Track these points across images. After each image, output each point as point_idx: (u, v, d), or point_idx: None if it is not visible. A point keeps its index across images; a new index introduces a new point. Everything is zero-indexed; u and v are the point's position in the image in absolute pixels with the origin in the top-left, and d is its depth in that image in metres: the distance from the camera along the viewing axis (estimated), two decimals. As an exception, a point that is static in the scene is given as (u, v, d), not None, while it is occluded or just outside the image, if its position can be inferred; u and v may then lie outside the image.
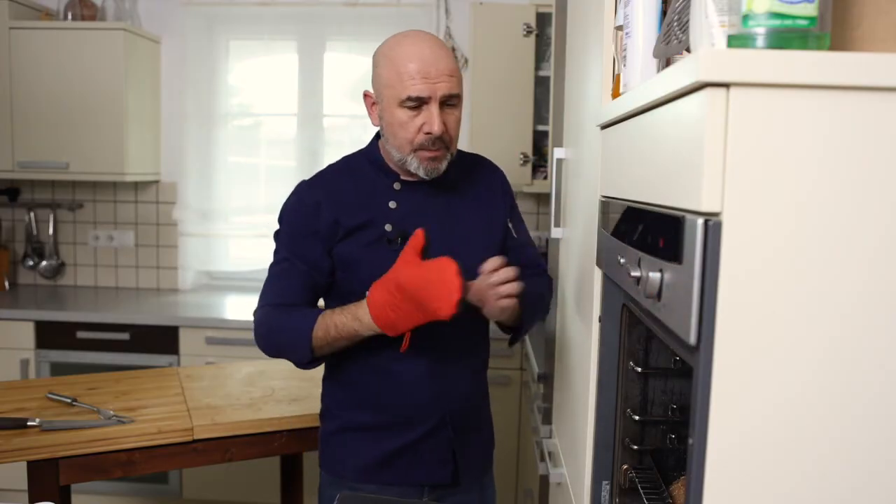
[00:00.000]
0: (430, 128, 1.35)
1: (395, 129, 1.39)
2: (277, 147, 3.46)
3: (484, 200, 1.55)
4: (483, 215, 1.53)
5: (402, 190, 1.46)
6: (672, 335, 0.72)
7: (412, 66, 1.34)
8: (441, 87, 1.35)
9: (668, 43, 0.90)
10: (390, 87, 1.37)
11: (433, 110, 1.35)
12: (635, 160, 0.91)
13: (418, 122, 1.36)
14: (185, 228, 3.42)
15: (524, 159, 2.94)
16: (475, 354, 1.57)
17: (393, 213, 1.44)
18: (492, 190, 1.58)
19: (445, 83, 1.36)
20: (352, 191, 1.46)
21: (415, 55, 1.35)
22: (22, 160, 3.11)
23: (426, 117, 1.36)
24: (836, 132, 0.61)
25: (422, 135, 1.37)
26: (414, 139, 1.37)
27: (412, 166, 1.40)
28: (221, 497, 2.95)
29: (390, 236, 1.43)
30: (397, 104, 1.36)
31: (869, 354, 0.63)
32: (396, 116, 1.37)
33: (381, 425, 1.48)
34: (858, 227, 0.62)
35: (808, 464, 0.64)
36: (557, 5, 1.92)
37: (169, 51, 3.38)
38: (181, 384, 2.08)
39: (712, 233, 0.63)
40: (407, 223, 1.43)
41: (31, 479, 1.69)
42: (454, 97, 1.38)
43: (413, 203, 1.46)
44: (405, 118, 1.37)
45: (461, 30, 3.21)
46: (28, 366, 2.94)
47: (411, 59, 1.35)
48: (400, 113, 1.37)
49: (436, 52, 1.36)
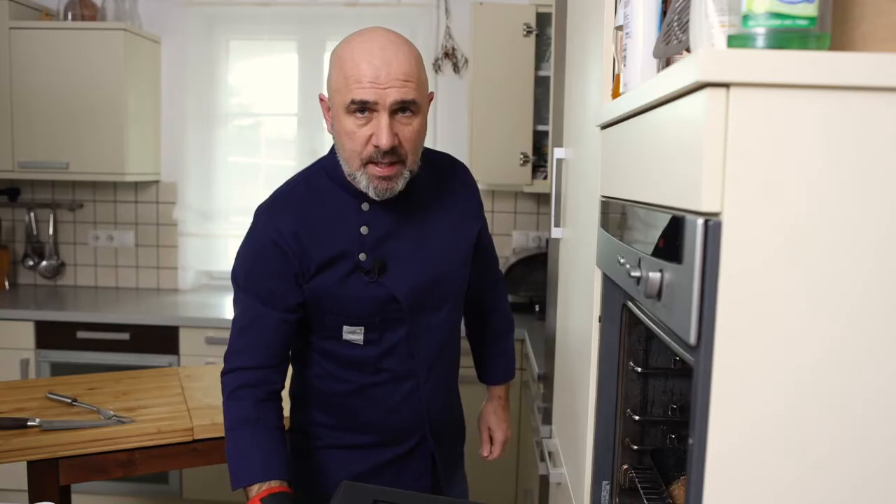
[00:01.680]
0: (377, 140, 1.21)
1: (343, 139, 1.25)
2: (277, 147, 3.46)
3: (456, 208, 1.45)
4: (456, 223, 1.44)
5: (372, 210, 1.33)
6: (672, 335, 0.72)
7: (360, 67, 1.20)
8: (391, 94, 1.20)
9: (668, 43, 0.90)
10: (338, 91, 1.23)
11: (382, 120, 1.20)
12: (635, 160, 0.91)
13: (366, 132, 1.22)
14: (185, 228, 3.42)
15: (524, 159, 2.94)
16: (452, 368, 1.52)
17: (365, 238, 1.32)
18: (462, 193, 1.47)
19: (397, 89, 1.20)
20: (318, 217, 1.32)
21: (364, 55, 1.20)
22: (22, 160, 3.11)
23: (374, 127, 1.21)
24: (836, 132, 0.61)
25: (370, 147, 1.23)
26: (362, 151, 1.23)
27: (361, 184, 1.27)
28: (221, 497, 2.95)
29: (366, 267, 1.31)
30: (344, 110, 1.22)
31: (869, 354, 0.63)
32: (344, 124, 1.23)
33: (365, 444, 1.42)
34: (858, 227, 0.62)
35: (808, 464, 0.64)
36: (557, 5, 1.92)
37: (169, 51, 3.38)
38: (181, 384, 2.08)
39: (712, 233, 0.63)
40: (381, 248, 1.33)
41: (31, 479, 1.69)
42: (410, 104, 1.22)
43: (385, 224, 1.33)
44: (353, 127, 1.22)
45: (461, 30, 3.21)
46: (28, 366, 2.94)
47: (360, 61, 1.20)
48: (347, 121, 1.23)
49: (388, 53, 1.20)
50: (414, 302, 1.35)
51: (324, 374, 1.41)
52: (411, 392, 1.41)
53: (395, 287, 1.33)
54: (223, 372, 1.34)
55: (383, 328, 1.35)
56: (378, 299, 1.33)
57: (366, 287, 1.32)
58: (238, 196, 3.44)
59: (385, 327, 1.35)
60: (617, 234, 1.00)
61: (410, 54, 1.24)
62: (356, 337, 1.35)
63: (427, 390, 1.42)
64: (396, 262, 1.34)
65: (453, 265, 1.41)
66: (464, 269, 1.46)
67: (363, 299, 1.32)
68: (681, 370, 1.12)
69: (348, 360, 1.38)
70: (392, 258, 1.34)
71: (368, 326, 1.35)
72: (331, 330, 1.36)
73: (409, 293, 1.34)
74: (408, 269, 1.35)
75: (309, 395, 1.45)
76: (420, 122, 1.27)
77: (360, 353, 1.36)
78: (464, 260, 1.45)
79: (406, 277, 1.34)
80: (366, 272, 1.32)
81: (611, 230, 1.05)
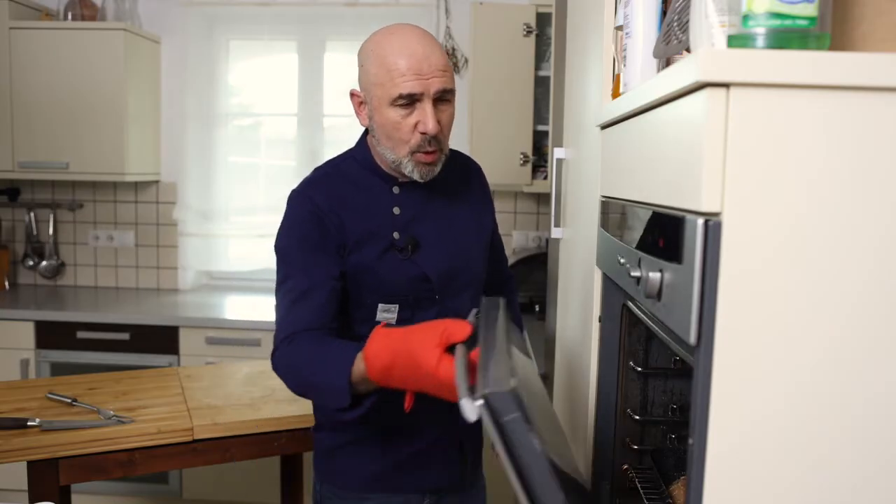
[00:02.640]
0: (424, 127, 1.28)
1: (389, 130, 1.31)
2: (277, 147, 3.46)
3: (474, 198, 1.52)
4: (475, 214, 1.51)
5: (402, 193, 1.40)
6: (672, 335, 0.72)
7: (403, 62, 1.26)
8: (434, 84, 1.28)
9: (668, 43, 0.90)
10: (380, 86, 1.29)
11: (427, 108, 1.28)
12: (635, 160, 0.91)
13: (412, 121, 1.29)
14: (185, 228, 3.42)
15: (524, 159, 2.94)
16: None
17: (397, 219, 1.38)
18: (479, 187, 1.56)
19: (439, 79, 1.28)
20: (352, 196, 1.38)
21: (405, 50, 1.27)
22: (22, 160, 3.11)
23: (420, 115, 1.29)
24: (836, 132, 0.61)
25: (417, 135, 1.30)
26: (410, 140, 1.30)
27: (407, 169, 1.33)
28: (221, 497, 2.95)
29: (399, 245, 1.37)
30: (388, 103, 1.29)
31: (869, 354, 0.63)
32: (388, 116, 1.30)
33: (390, 434, 1.42)
34: (858, 227, 0.62)
35: (808, 464, 0.64)
36: (557, 5, 1.92)
37: (169, 51, 3.38)
38: (181, 384, 2.08)
39: (712, 233, 0.63)
40: (411, 228, 1.39)
41: (31, 479, 1.69)
42: (448, 92, 1.31)
43: (414, 206, 1.41)
44: (398, 118, 1.29)
45: (461, 30, 3.21)
46: (28, 366, 2.94)
47: (401, 55, 1.27)
48: (392, 112, 1.29)
49: (426, 47, 1.28)
50: (443, 282, 1.40)
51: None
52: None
53: (427, 266, 1.38)
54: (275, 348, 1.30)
55: (415, 307, 1.39)
56: (412, 277, 1.37)
57: (400, 265, 1.36)
58: (238, 196, 3.44)
59: (417, 306, 1.39)
60: (617, 234, 1.00)
61: (442, 48, 1.33)
62: (390, 316, 1.38)
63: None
64: (428, 243, 1.40)
65: (473, 251, 1.46)
66: (482, 256, 1.50)
67: (398, 277, 1.36)
68: (681, 370, 1.12)
69: None
70: (423, 239, 1.39)
71: (402, 305, 1.38)
72: (367, 309, 1.38)
73: (440, 273, 1.39)
74: (436, 251, 1.39)
75: None
76: (453, 109, 1.36)
77: None
78: (482, 248, 1.50)
79: (435, 258, 1.39)
80: (399, 250, 1.37)
81: (611, 230, 1.05)
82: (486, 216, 1.55)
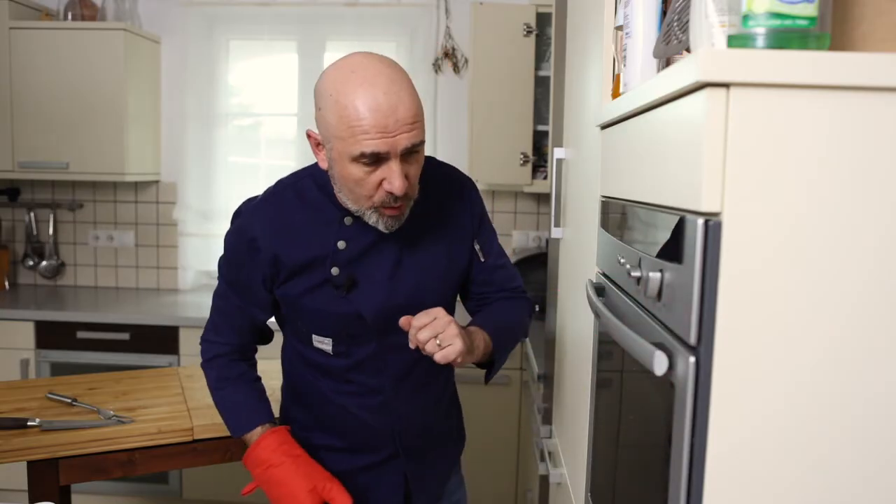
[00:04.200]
0: (391, 186, 1.16)
1: (351, 185, 1.19)
2: (277, 147, 3.46)
3: (448, 224, 1.38)
4: (445, 242, 1.37)
5: (354, 226, 1.29)
6: (672, 335, 0.72)
7: (367, 118, 1.11)
8: (402, 141, 1.14)
9: (668, 43, 0.90)
10: (340, 140, 1.15)
11: (394, 168, 1.15)
12: (635, 160, 0.91)
13: (375, 178, 1.17)
14: (185, 228, 3.42)
15: (524, 159, 2.94)
16: (436, 384, 1.45)
17: (340, 254, 1.29)
18: (458, 209, 1.39)
19: (407, 134, 1.14)
20: (298, 225, 1.30)
21: (369, 102, 1.11)
22: (22, 160, 3.11)
23: (386, 173, 1.16)
24: (836, 132, 0.61)
25: (381, 192, 1.18)
26: (373, 196, 1.19)
27: (371, 220, 1.23)
28: (221, 497, 2.95)
29: (336, 281, 1.28)
30: (350, 159, 1.15)
31: (869, 354, 0.63)
32: (350, 172, 1.17)
33: (338, 448, 1.42)
34: (858, 227, 0.62)
35: (808, 464, 0.64)
36: (557, 5, 1.92)
37: (169, 51, 3.38)
38: (181, 384, 2.08)
39: (712, 233, 0.63)
40: (356, 266, 1.30)
41: (31, 479, 1.69)
42: (417, 145, 1.17)
43: (363, 243, 1.30)
44: (360, 174, 1.16)
45: (461, 30, 3.21)
46: (28, 366, 2.94)
47: (365, 108, 1.11)
48: (354, 168, 1.16)
49: (393, 97, 1.12)
50: (381, 322, 1.32)
51: (301, 374, 1.44)
52: (381, 406, 1.38)
53: (363, 305, 1.31)
54: (202, 338, 1.47)
55: (350, 342, 1.34)
56: (344, 315, 1.31)
57: (333, 300, 1.30)
58: (238, 196, 3.38)
59: (352, 342, 1.34)
60: (617, 234, 1.00)
61: (411, 89, 1.17)
62: (325, 347, 1.36)
63: (397, 407, 1.39)
64: (370, 280, 1.31)
65: (431, 291, 1.35)
66: (446, 289, 1.40)
67: (330, 313, 1.31)
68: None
69: (320, 366, 1.39)
70: (365, 276, 1.31)
71: (336, 339, 1.34)
72: (304, 336, 1.38)
73: (376, 313, 1.31)
74: (379, 289, 1.31)
75: (291, 392, 1.50)
76: (423, 155, 1.24)
77: (330, 363, 1.37)
78: (443, 286, 1.39)
79: (376, 297, 1.31)
80: (336, 287, 1.29)
81: (611, 230, 1.05)
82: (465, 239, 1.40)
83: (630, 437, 0.93)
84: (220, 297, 1.44)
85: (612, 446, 1.03)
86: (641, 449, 0.86)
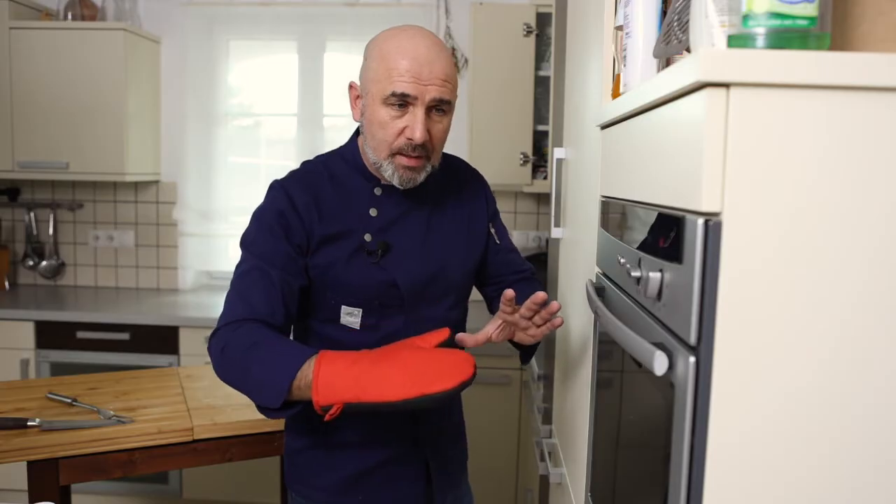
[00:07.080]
0: (411, 133, 1.24)
1: (375, 128, 1.28)
2: (277, 147, 3.46)
3: (466, 208, 1.46)
4: (465, 224, 1.45)
5: (383, 196, 1.36)
6: (672, 334, 0.72)
7: (404, 62, 1.23)
8: (431, 91, 1.24)
9: (668, 43, 0.90)
10: (376, 82, 1.26)
11: (418, 114, 1.24)
12: (635, 160, 0.91)
13: (400, 124, 1.25)
14: (185, 228, 3.43)
15: (524, 159, 2.94)
16: None
17: (373, 221, 1.34)
18: (474, 197, 1.49)
19: (437, 87, 1.24)
20: (329, 196, 1.34)
21: (409, 52, 1.24)
22: (22, 160, 3.11)
23: (409, 120, 1.25)
24: (836, 132, 0.61)
25: (402, 138, 1.26)
26: (393, 142, 1.26)
27: (387, 172, 1.30)
28: (221, 497, 2.96)
29: (370, 247, 1.32)
30: (381, 100, 1.25)
31: (869, 354, 0.63)
32: (378, 114, 1.26)
33: (353, 443, 1.39)
34: (858, 227, 0.62)
35: (808, 464, 0.64)
36: (557, 5, 1.92)
37: (169, 51, 3.38)
38: (181, 384, 2.08)
39: (712, 233, 0.63)
40: (387, 233, 1.35)
41: (31, 479, 1.69)
42: (444, 103, 1.27)
43: (395, 211, 1.36)
44: (387, 117, 1.25)
45: (461, 30, 3.21)
46: (28, 366, 2.94)
47: (404, 55, 1.23)
48: (383, 111, 1.25)
49: (432, 53, 1.25)
50: (413, 290, 1.35)
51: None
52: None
53: (397, 272, 1.34)
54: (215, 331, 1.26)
55: (381, 314, 1.35)
56: (378, 282, 1.33)
57: (368, 268, 1.32)
58: (238, 196, 3.44)
59: (383, 313, 1.35)
60: (617, 234, 1.00)
61: (450, 58, 1.29)
62: (353, 320, 1.34)
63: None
64: (400, 248, 1.35)
65: (454, 263, 1.41)
66: (467, 267, 1.45)
67: (364, 280, 1.32)
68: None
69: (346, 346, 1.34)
70: (396, 244, 1.35)
71: (367, 310, 1.34)
72: (330, 311, 1.35)
73: (409, 280, 1.35)
74: (410, 258, 1.35)
75: None
76: (449, 122, 1.32)
77: (357, 339, 1.34)
78: (465, 260, 1.44)
79: (407, 265, 1.35)
80: (369, 253, 1.33)
81: (611, 230, 1.05)
82: (482, 224, 1.49)
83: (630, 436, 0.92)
84: (244, 276, 1.29)
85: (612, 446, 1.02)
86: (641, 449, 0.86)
